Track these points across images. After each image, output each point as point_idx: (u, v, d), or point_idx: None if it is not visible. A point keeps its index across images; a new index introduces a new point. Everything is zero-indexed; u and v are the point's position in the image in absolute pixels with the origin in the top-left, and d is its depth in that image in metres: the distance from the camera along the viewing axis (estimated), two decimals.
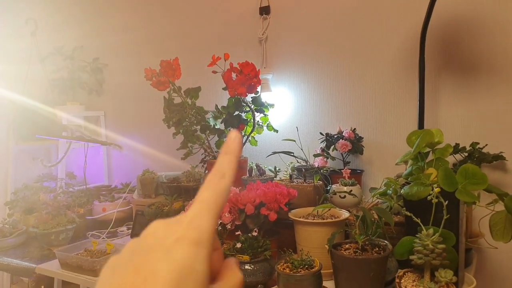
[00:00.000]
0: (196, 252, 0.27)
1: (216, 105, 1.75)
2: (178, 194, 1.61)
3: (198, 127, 1.68)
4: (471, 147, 1.43)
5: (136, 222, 1.67)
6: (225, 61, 1.57)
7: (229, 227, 1.27)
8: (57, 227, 1.50)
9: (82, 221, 1.68)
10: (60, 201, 1.74)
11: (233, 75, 1.56)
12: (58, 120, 2.11)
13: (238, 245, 1.10)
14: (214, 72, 1.57)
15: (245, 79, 1.53)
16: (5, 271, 1.67)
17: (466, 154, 1.43)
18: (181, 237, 0.27)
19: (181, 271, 0.26)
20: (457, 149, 1.41)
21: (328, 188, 1.47)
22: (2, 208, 1.93)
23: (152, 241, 0.28)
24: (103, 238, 1.56)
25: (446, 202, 0.94)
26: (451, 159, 1.42)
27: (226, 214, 1.29)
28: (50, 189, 1.95)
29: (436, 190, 0.96)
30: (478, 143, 1.43)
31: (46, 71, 2.41)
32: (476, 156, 1.41)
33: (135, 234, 1.65)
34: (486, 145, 1.43)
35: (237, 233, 1.17)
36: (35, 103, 2.09)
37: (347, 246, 1.04)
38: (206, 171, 1.77)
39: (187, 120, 1.66)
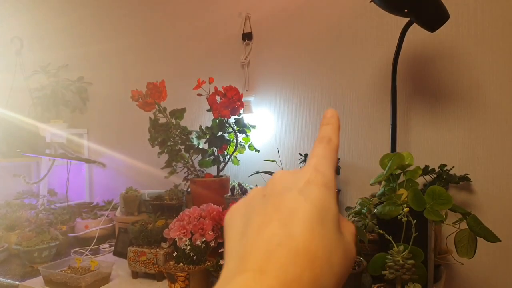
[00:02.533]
0: (328, 193, 0.29)
1: (200, 126, 1.81)
2: (161, 212, 1.65)
3: (183, 146, 1.73)
4: (439, 169, 1.53)
5: (118, 239, 1.69)
6: (209, 84, 1.64)
7: (212, 244, 1.32)
8: (40, 244, 1.51)
9: (65, 238, 1.69)
10: (43, 218, 1.75)
11: (218, 98, 1.63)
12: (41, 137, 2.13)
13: (222, 262, 1.15)
14: (199, 95, 1.64)
15: (229, 102, 1.61)
16: None
17: (435, 176, 1.52)
18: (312, 181, 0.29)
19: (320, 208, 0.27)
20: (426, 170, 1.51)
21: None
22: None
23: (282, 186, 0.30)
24: (86, 255, 1.57)
25: (415, 220, 1.02)
26: (421, 180, 1.52)
27: (209, 232, 1.33)
28: (31, 206, 1.95)
29: (406, 209, 1.04)
30: (445, 165, 1.53)
31: (30, 89, 2.42)
32: (444, 177, 1.51)
33: (117, 251, 1.67)
34: (453, 167, 1.53)
35: (220, 250, 1.22)
36: (19, 117, 2.10)
37: None
38: (189, 189, 1.81)
39: (171, 139, 1.71)
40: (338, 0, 1.79)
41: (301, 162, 1.77)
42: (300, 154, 1.80)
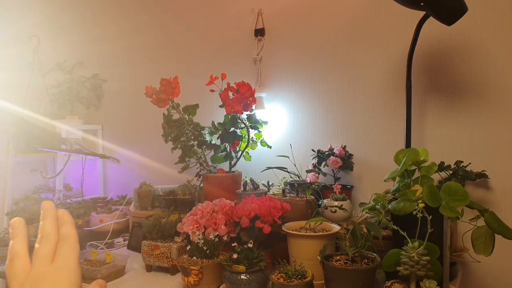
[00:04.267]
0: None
1: (213, 122, 1.82)
2: (174, 206, 1.66)
3: (195, 142, 1.74)
4: (455, 165, 1.51)
5: (132, 233, 1.71)
6: (222, 80, 1.64)
7: (225, 239, 1.32)
8: None
9: (80, 232, 1.72)
10: None
11: (230, 94, 1.63)
12: (57, 134, 2.16)
13: (235, 255, 1.15)
14: (212, 90, 1.64)
15: (242, 98, 1.61)
16: (5, 279, 1.69)
17: (451, 172, 1.50)
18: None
19: None
20: (442, 167, 1.49)
21: (320, 202, 1.53)
22: (1, 218, 1.96)
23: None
24: (101, 248, 1.59)
25: (430, 217, 1.00)
26: (436, 177, 1.50)
27: (222, 226, 1.34)
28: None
29: (421, 205, 1.03)
30: (462, 162, 1.50)
31: (47, 86, 2.46)
32: (460, 174, 1.48)
33: (131, 245, 1.69)
34: (470, 163, 1.51)
35: (233, 244, 1.22)
36: (36, 115, 2.14)
37: (337, 257, 1.10)
38: (201, 185, 1.82)
39: (184, 135, 1.72)
40: None
41: (313, 158, 1.76)
42: (313, 150, 1.79)
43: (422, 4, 1.29)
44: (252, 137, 1.83)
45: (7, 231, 1.68)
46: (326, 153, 1.74)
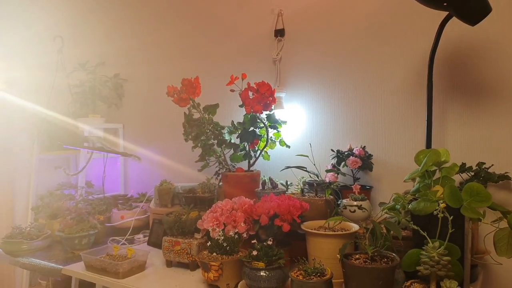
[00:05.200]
0: None
1: (232, 121, 1.84)
2: (193, 204, 1.68)
3: (215, 141, 1.77)
4: (477, 167, 1.48)
5: (153, 230, 1.74)
6: (242, 80, 1.66)
7: (244, 236, 1.34)
8: (80, 232, 1.58)
9: (102, 228, 1.76)
10: (82, 208, 1.83)
11: (250, 94, 1.65)
12: (80, 132, 2.22)
13: (254, 252, 1.17)
14: (232, 90, 1.66)
15: (262, 97, 1.62)
16: (33, 271, 1.76)
17: (472, 173, 1.48)
18: None
19: None
20: (463, 168, 1.47)
21: (339, 202, 1.54)
22: (25, 213, 2.03)
23: None
24: (123, 244, 1.63)
25: (451, 217, 1.00)
26: (457, 178, 1.48)
27: (241, 224, 1.35)
28: (70, 197, 2.04)
29: (442, 205, 1.02)
30: (484, 163, 1.48)
31: (70, 85, 2.53)
32: (482, 175, 1.46)
33: (151, 241, 1.72)
34: (492, 165, 1.49)
35: (253, 241, 1.24)
36: (59, 115, 2.20)
37: (357, 256, 1.10)
38: (220, 183, 1.84)
39: (204, 134, 1.74)
40: None
41: (332, 158, 1.77)
42: (332, 150, 1.79)
43: (445, 4, 1.29)
44: (271, 137, 1.84)
45: (33, 225, 1.74)
46: (346, 153, 1.74)
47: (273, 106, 1.71)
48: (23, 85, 2.41)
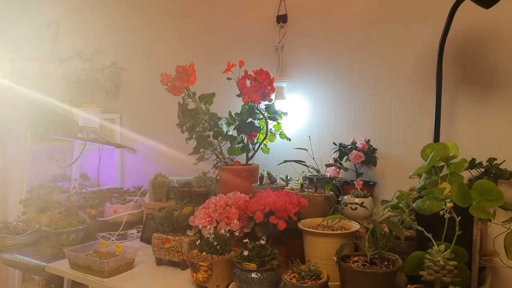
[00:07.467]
0: None
1: (230, 112, 1.76)
2: (189, 199, 1.62)
3: (211, 133, 1.69)
4: (488, 163, 1.40)
5: (146, 225, 1.68)
6: (240, 68, 1.58)
7: (237, 234, 1.27)
8: (68, 227, 1.52)
9: (93, 222, 1.70)
10: (73, 202, 1.77)
11: (248, 82, 1.56)
12: (74, 122, 2.15)
13: (245, 253, 1.10)
14: (229, 78, 1.58)
15: (259, 86, 1.54)
16: (15, 268, 1.70)
17: (483, 170, 1.40)
18: None
19: None
20: (473, 164, 1.38)
21: (340, 199, 1.46)
22: (17, 206, 1.97)
23: None
24: (112, 240, 1.57)
25: (459, 218, 0.92)
26: (466, 175, 1.39)
27: (235, 221, 1.28)
28: (63, 189, 1.98)
29: (449, 205, 0.94)
30: (495, 159, 1.40)
31: (65, 73, 2.46)
32: (493, 172, 1.38)
33: (144, 237, 1.66)
34: (504, 161, 1.40)
35: (244, 240, 1.16)
36: (55, 102, 2.13)
37: (355, 258, 1.03)
38: (218, 177, 1.77)
39: (200, 125, 1.67)
40: None
41: (334, 152, 1.68)
42: (334, 143, 1.71)
43: None
44: (271, 129, 1.76)
45: (20, 219, 1.68)
46: (348, 146, 1.66)
47: (272, 96, 1.63)
48: (16, 72, 2.34)
